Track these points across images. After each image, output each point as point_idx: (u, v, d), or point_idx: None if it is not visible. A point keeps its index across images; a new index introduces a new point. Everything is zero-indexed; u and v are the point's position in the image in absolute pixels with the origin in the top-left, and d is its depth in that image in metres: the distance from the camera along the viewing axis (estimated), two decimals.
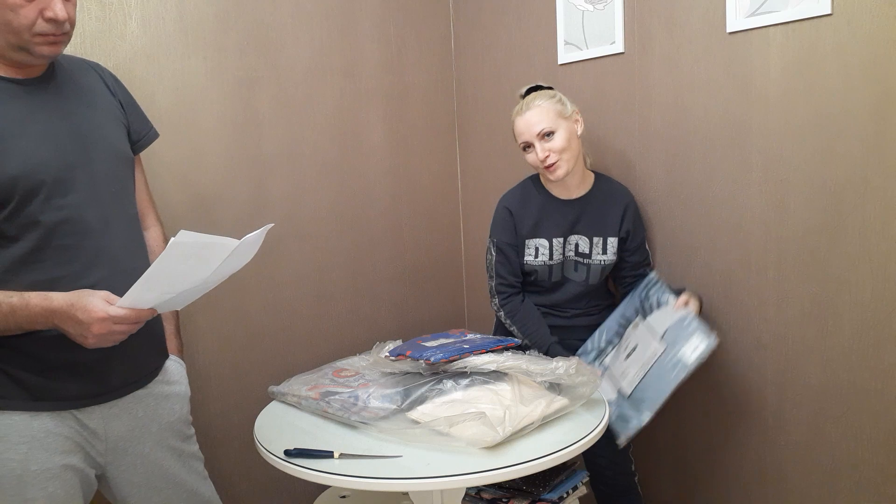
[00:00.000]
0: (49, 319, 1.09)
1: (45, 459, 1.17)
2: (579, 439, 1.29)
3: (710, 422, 1.77)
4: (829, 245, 1.49)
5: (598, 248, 1.78)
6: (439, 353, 1.42)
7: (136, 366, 1.30)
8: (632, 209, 1.80)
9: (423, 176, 2.33)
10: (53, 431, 1.18)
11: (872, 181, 1.40)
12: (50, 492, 1.18)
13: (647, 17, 1.77)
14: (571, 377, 1.37)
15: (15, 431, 1.16)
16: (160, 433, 1.34)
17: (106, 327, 1.08)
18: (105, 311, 1.07)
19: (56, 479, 1.18)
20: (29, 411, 1.17)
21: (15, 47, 1.13)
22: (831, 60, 1.44)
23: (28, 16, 1.10)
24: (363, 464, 1.22)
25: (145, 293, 1.08)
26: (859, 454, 1.49)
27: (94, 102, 1.28)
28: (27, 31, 1.11)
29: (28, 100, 1.17)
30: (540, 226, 1.78)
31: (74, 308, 1.07)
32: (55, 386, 1.18)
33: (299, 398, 1.50)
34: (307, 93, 2.03)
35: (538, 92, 1.75)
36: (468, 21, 2.31)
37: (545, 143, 1.68)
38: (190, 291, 1.18)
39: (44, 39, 1.13)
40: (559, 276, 1.81)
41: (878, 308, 1.43)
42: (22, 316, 1.08)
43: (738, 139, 1.62)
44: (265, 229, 1.20)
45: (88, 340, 1.09)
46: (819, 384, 1.54)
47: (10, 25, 1.10)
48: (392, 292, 2.28)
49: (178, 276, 1.09)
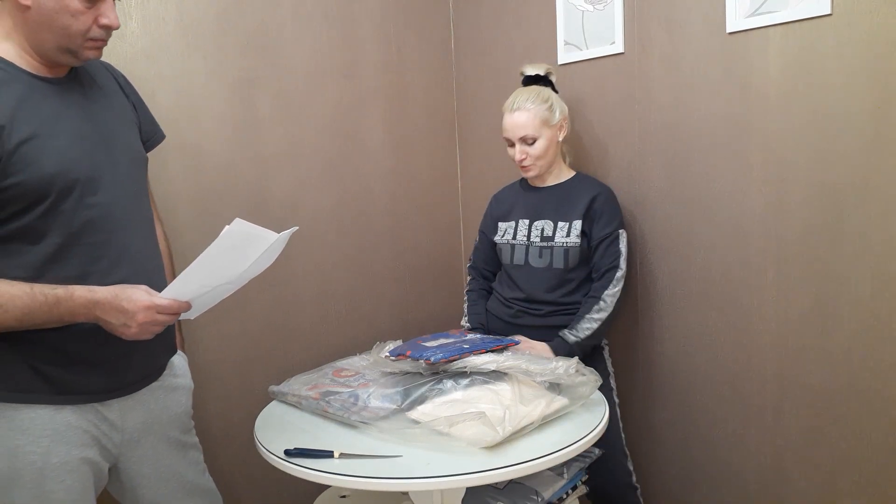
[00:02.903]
0: (91, 311, 1.11)
1: (65, 453, 1.19)
2: (579, 439, 1.29)
3: (710, 422, 1.77)
4: (829, 245, 1.49)
5: (563, 232, 1.78)
6: (439, 353, 1.42)
7: (151, 360, 1.33)
8: (603, 199, 1.77)
9: (423, 176, 2.33)
10: (74, 425, 1.21)
11: (872, 181, 1.40)
12: (68, 485, 1.20)
13: (647, 17, 1.77)
14: (571, 377, 1.38)
15: (38, 425, 1.18)
16: (168, 425, 1.38)
17: (150, 316, 1.12)
18: (150, 300, 1.12)
19: (74, 472, 1.21)
20: (52, 405, 1.19)
21: (63, 49, 1.16)
22: (831, 60, 1.44)
23: (86, 22, 1.14)
24: (363, 464, 1.22)
25: (188, 284, 1.13)
26: (859, 454, 1.49)
27: (112, 104, 1.31)
28: (81, 37, 1.15)
29: (58, 99, 1.19)
30: (511, 209, 1.91)
31: (119, 298, 1.11)
32: (78, 380, 1.21)
33: (299, 398, 1.50)
34: (307, 93, 2.03)
35: (532, 91, 1.78)
36: (468, 21, 2.31)
37: (525, 147, 1.78)
38: (216, 292, 1.22)
39: (93, 44, 1.17)
40: (521, 260, 1.83)
41: (878, 308, 1.43)
42: (65, 307, 1.10)
43: (738, 139, 1.62)
44: (290, 232, 1.24)
45: (131, 330, 1.12)
46: (819, 384, 1.54)
47: (68, 30, 1.13)
48: (392, 292, 2.28)
49: (219, 269, 1.14)
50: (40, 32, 1.13)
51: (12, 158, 1.09)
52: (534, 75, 1.83)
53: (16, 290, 1.08)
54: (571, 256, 1.76)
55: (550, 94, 1.79)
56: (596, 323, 1.71)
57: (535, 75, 1.82)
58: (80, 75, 1.25)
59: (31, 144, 1.11)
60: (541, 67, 1.83)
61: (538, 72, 1.82)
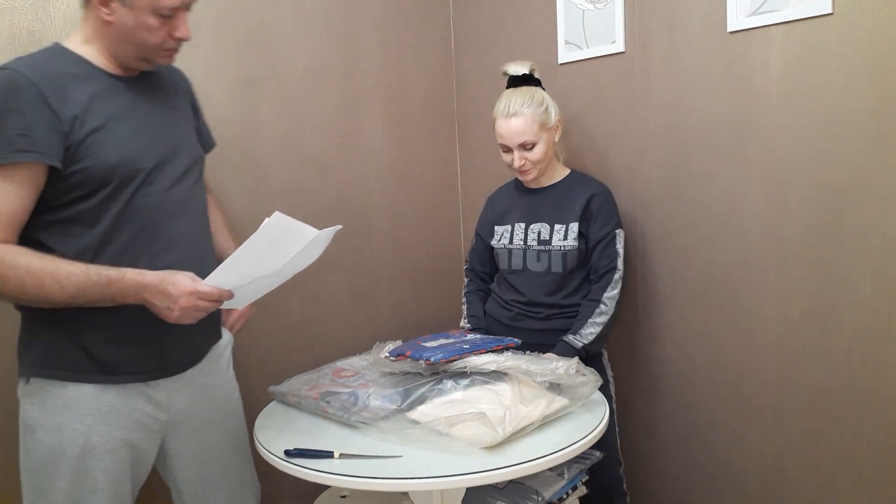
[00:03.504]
0: (139, 293, 1.18)
1: (106, 433, 1.26)
2: (579, 439, 1.29)
3: (710, 422, 1.77)
4: (829, 245, 1.49)
5: (560, 235, 1.75)
6: (439, 354, 1.42)
7: (194, 344, 1.40)
8: (599, 199, 1.75)
9: (423, 176, 2.33)
10: (117, 407, 1.28)
11: (873, 181, 1.40)
12: (106, 465, 1.27)
13: (647, 16, 1.77)
14: (571, 377, 1.37)
15: (83, 404, 1.25)
16: (213, 409, 1.46)
17: (192, 301, 1.17)
18: (193, 286, 1.18)
19: (114, 453, 1.28)
20: (98, 384, 1.26)
21: (140, 58, 1.29)
22: (832, 60, 1.44)
23: (161, 35, 1.26)
24: (363, 464, 1.22)
25: (229, 274, 1.19)
26: (859, 454, 1.49)
27: (176, 104, 1.42)
28: (157, 48, 1.27)
29: (129, 95, 1.30)
30: (507, 212, 1.87)
31: (165, 283, 1.17)
32: (123, 360, 1.28)
33: (299, 398, 1.50)
34: (307, 92, 2.03)
35: (525, 94, 1.73)
36: (468, 21, 2.31)
37: (524, 153, 1.73)
38: (260, 285, 1.28)
39: (167, 53, 1.31)
40: (519, 265, 1.80)
41: (878, 308, 1.42)
42: (116, 288, 1.17)
43: (739, 139, 1.62)
44: (333, 230, 1.31)
45: (174, 313, 1.18)
46: (819, 384, 1.54)
47: (146, 43, 1.25)
48: (392, 292, 2.27)
49: (260, 261, 1.20)
50: (120, 44, 1.26)
51: (81, 146, 1.19)
52: (521, 75, 1.77)
53: (73, 269, 1.15)
54: (570, 259, 1.75)
55: (543, 94, 1.75)
56: (599, 327, 1.70)
57: (523, 75, 1.77)
58: (150, 76, 1.37)
59: (98, 135, 1.21)
60: (525, 65, 1.78)
61: (524, 70, 1.77)
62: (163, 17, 1.23)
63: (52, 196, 1.20)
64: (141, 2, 1.21)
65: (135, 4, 1.21)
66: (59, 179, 1.19)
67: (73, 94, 1.20)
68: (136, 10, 1.21)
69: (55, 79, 1.19)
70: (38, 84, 1.16)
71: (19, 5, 1.59)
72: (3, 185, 1.14)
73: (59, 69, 1.21)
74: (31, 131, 1.14)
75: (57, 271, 1.14)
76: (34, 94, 1.15)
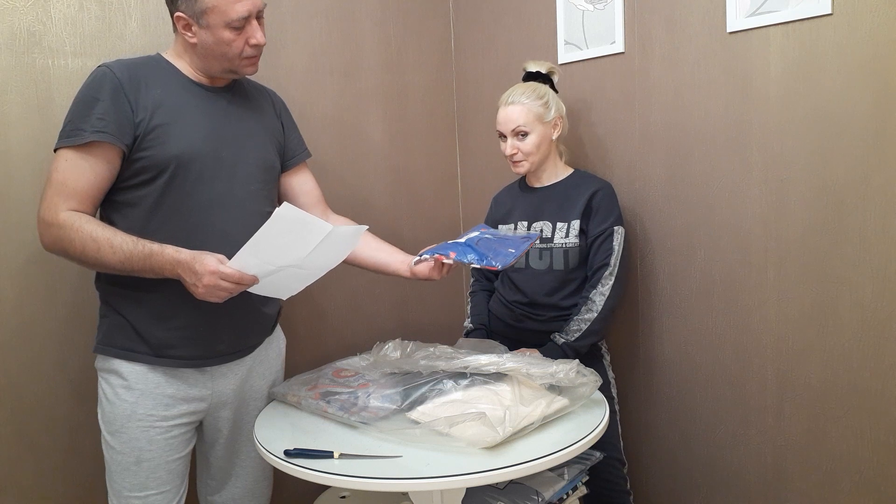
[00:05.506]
0: (174, 269, 1.29)
1: (151, 407, 1.41)
2: (579, 439, 1.29)
3: (710, 422, 1.77)
4: (829, 245, 1.49)
5: (562, 233, 1.76)
6: (500, 256, 1.47)
7: (243, 336, 1.52)
8: (601, 195, 1.75)
9: (423, 176, 2.33)
10: (163, 385, 1.42)
11: (872, 181, 1.40)
12: (150, 436, 1.42)
13: (647, 16, 1.77)
14: (571, 380, 1.37)
15: (132, 380, 1.41)
16: (257, 399, 1.58)
17: (213, 280, 1.26)
18: (217, 266, 1.26)
19: (153, 428, 1.42)
20: (148, 364, 1.42)
21: (227, 70, 1.45)
22: (831, 60, 1.44)
23: (238, 45, 1.40)
24: (363, 464, 1.22)
25: (250, 258, 1.26)
26: (859, 454, 1.49)
27: (257, 117, 1.55)
28: (238, 58, 1.42)
29: (204, 100, 1.45)
30: (511, 212, 1.89)
31: (194, 261, 1.27)
32: (173, 344, 1.42)
33: (299, 398, 1.50)
34: (307, 92, 2.03)
35: (528, 86, 1.77)
36: (468, 21, 2.31)
37: (516, 141, 1.76)
38: (289, 276, 1.35)
39: (249, 61, 1.45)
40: (522, 263, 1.81)
41: (878, 308, 1.43)
42: (156, 261, 1.29)
43: (739, 139, 1.62)
44: (360, 229, 1.39)
45: (199, 290, 1.28)
46: (819, 384, 1.54)
47: (226, 56, 1.41)
48: (392, 292, 2.27)
49: (279, 250, 1.27)
50: (206, 60, 1.42)
51: (148, 136, 1.36)
52: (535, 72, 1.82)
53: (125, 238, 1.31)
54: (571, 257, 1.75)
55: (548, 90, 1.78)
56: (585, 324, 1.70)
57: (537, 72, 1.81)
58: (234, 89, 1.52)
59: (165, 128, 1.37)
60: (543, 65, 1.82)
61: (539, 69, 1.81)
62: (236, 29, 1.38)
63: (121, 179, 1.38)
64: (214, 20, 1.36)
65: (209, 23, 1.36)
66: (127, 164, 1.37)
67: (151, 91, 1.38)
68: (212, 28, 1.37)
69: (138, 78, 1.37)
70: (120, 79, 1.35)
71: (19, 5, 1.59)
72: (81, 161, 1.32)
73: (145, 71, 1.40)
74: (108, 117, 1.32)
75: (112, 238, 1.30)
76: (116, 86, 1.34)
